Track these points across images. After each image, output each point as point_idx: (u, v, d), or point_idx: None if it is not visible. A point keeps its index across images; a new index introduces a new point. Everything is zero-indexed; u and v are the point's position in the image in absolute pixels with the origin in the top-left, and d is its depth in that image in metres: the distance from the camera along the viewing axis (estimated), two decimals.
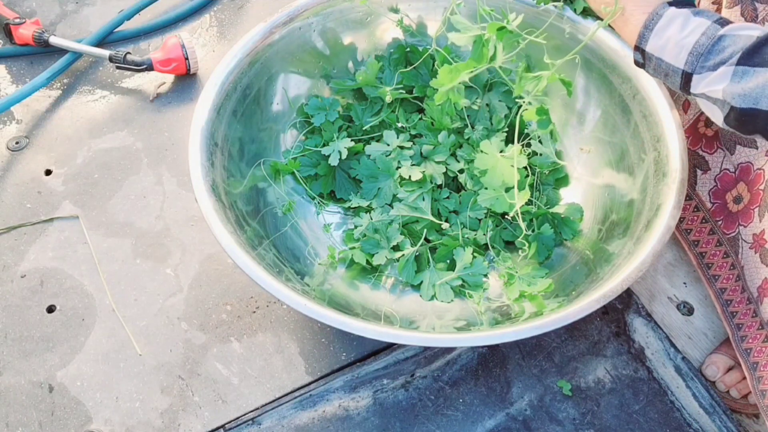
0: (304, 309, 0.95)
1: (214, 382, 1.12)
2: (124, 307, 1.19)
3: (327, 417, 1.08)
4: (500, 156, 1.10)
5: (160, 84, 1.47)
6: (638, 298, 1.20)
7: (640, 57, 0.86)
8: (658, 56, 0.83)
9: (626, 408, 1.10)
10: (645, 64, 0.86)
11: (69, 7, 1.61)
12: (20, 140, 1.38)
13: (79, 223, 1.28)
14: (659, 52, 0.83)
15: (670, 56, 0.82)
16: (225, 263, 1.23)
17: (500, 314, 1.08)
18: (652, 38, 0.84)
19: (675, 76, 0.83)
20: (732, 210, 1.12)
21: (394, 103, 1.26)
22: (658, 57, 0.83)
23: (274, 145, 1.23)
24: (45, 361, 1.13)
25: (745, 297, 1.10)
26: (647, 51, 0.84)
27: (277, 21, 1.18)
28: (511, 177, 1.07)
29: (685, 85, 0.82)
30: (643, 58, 0.86)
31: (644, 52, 0.85)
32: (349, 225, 1.20)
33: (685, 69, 0.81)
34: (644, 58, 0.86)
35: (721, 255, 1.14)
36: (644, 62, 0.86)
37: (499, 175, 1.10)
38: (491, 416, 1.09)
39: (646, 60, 0.85)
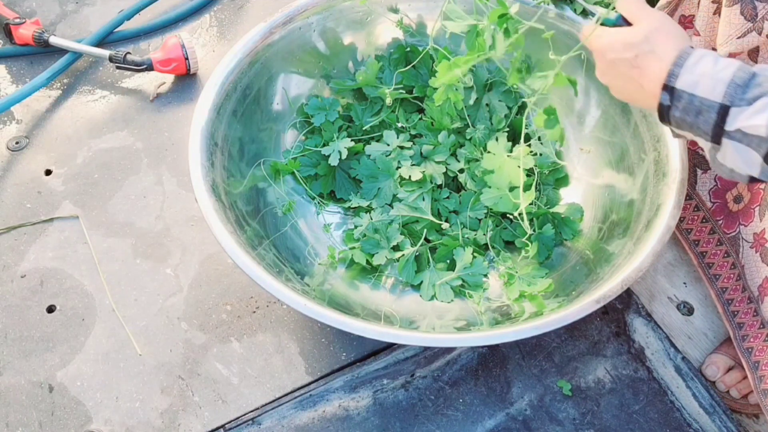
0: (304, 309, 0.95)
1: (214, 382, 1.12)
2: (124, 307, 1.19)
3: (327, 417, 1.08)
4: (507, 156, 1.10)
5: (160, 84, 1.47)
6: (638, 298, 1.20)
7: (668, 98, 0.78)
8: (690, 92, 0.76)
9: (626, 408, 1.10)
10: (671, 107, 0.78)
11: (69, 7, 1.61)
12: (20, 140, 1.38)
13: (79, 223, 1.28)
14: (692, 88, 0.76)
15: (704, 90, 0.76)
16: (225, 263, 1.23)
17: (500, 314, 1.08)
18: (683, 74, 0.77)
19: (709, 113, 0.75)
20: (732, 209, 1.12)
21: (394, 103, 1.26)
22: (690, 93, 0.76)
23: (274, 145, 1.23)
24: (45, 361, 1.13)
25: (746, 296, 1.10)
26: (677, 89, 0.77)
27: (277, 21, 1.18)
28: (518, 177, 1.07)
29: (720, 122, 0.75)
30: (671, 99, 0.78)
31: (673, 91, 0.77)
32: (349, 225, 1.20)
33: (723, 102, 0.74)
34: (672, 100, 0.78)
35: (721, 254, 1.14)
36: (671, 104, 0.78)
37: (506, 176, 1.10)
38: (491, 416, 1.09)
39: (674, 101, 0.78)
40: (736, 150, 0.76)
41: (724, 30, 0.97)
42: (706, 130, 0.77)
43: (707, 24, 1.03)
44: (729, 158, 0.78)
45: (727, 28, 0.96)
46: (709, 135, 0.77)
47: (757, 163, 0.76)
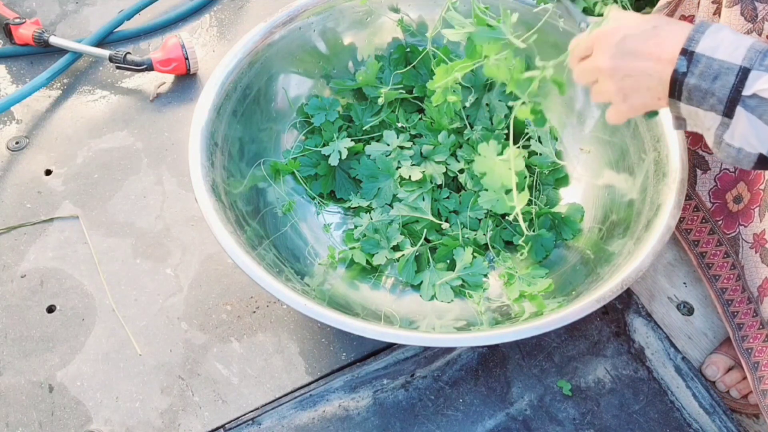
0: (304, 309, 0.95)
1: (214, 382, 1.12)
2: (124, 307, 1.19)
3: (327, 417, 1.08)
4: (498, 159, 1.10)
5: (160, 84, 1.47)
6: (638, 298, 1.20)
7: (685, 64, 0.75)
8: (710, 55, 0.74)
9: (626, 408, 1.10)
10: (687, 74, 0.76)
11: (69, 7, 1.61)
12: (20, 140, 1.38)
13: (79, 223, 1.28)
14: (711, 52, 0.74)
15: (724, 53, 0.74)
16: (225, 263, 1.23)
17: (500, 314, 1.08)
18: (704, 39, 0.75)
19: (728, 76, 0.73)
20: (732, 210, 1.12)
21: (394, 103, 1.26)
22: (709, 56, 0.74)
23: (274, 145, 1.23)
24: (45, 361, 1.13)
25: (746, 297, 1.10)
26: (697, 52, 0.74)
27: (277, 21, 1.18)
28: (509, 179, 1.07)
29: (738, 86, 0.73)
30: (688, 64, 0.75)
31: (692, 56, 0.75)
32: (349, 225, 1.20)
33: (743, 64, 0.72)
34: (689, 65, 0.75)
35: (721, 255, 1.14)
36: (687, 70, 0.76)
37: (498, 178, 1.10)
38: (491, 416, 1.09)
39: (691, 66, 0.75)
40: (749, 122, 0.74)
41: None
42: (721, 97, 0.74)
43: None
44: (739, 134, 0.75)
45: None
46: (723, 104, 0.74)
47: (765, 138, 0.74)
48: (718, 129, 0.77)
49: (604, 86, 0.84)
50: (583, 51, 0.86)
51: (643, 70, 0.80)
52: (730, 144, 0.76)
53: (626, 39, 0.80)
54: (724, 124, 0.76)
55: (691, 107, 0.78)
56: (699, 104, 0.77)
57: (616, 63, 0.81)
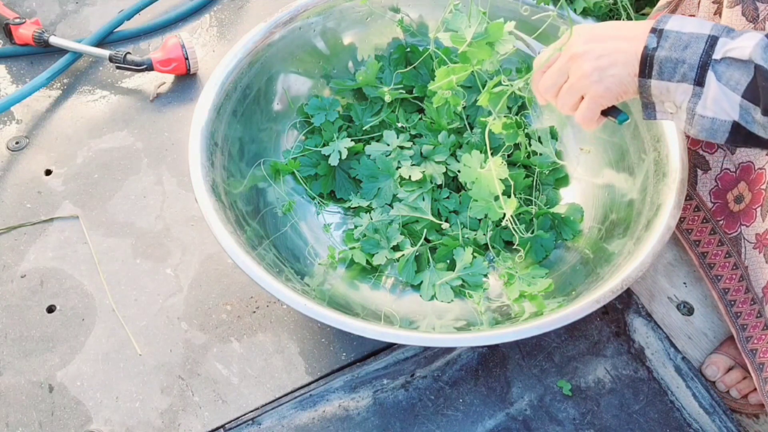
0: (304, 309, 0.95)
1: (214, 382, 1.12)
2: (124, 307, 1.19)
3: (327, 417, 1.08)
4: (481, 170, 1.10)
5: (160, 84, 1.47)
6: (638, 298, 1.20)
7: (655, 40, 0.78)
8: (678, 30, 0.78)
9: (626, 408, 1.10)
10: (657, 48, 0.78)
11: (69, 7, 1.61)
12: (20, 140, 1.38)
13: (79, 223, 1.28)
14: (680, 27, 0.78)
15: (692, 27, 0.77)
16: (225, 263, 1.23)
17: (500, 314, 1.08)
18: (672, 21, 0.78)
19: (698, 43, 0.76)
20: (733, 210, 1.11)
21: (394, 103, 1.26)
22: (677, 31, 0.77)
23: (274, 145, 1.23)
24: (45, 361, 1.13)
25: (749, 297, 1.10)
26: (666, 29, 0.78)
27: (277, 21, 1.18)
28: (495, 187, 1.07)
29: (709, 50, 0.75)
30: (658, 40, 0.79)
31: (662, 33, 0.78)
32: (349, 225, 1.20)
33: (711, 33, 0.76)
34: (659, 41, 0.79)
35: (723, 255, 1.14)
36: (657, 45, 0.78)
37: (485, 187, 1.10)
38: (491, 416, 1.09)
39: (661, 40, 0.78)
40: (718, 90, 0.76)
41: None
42: (692, 64, 0.76)
43: None
44: (711, 100, 0.77)
45: None
46: (694, 70, 0.77)
47: (736, 103, 0.75)
48: (690, 101, 0.78)
49: (577, 73, 0.84)
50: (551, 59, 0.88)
51: (616, 47, 0.82)
52: (703, 115, 0.78)
53: (596, 28, 0.85)
54: (695, 95, 0.77)
55: (662, 82, 0.79)
56: (670, 77, 0.78)
57: (590, 46, 0.83)
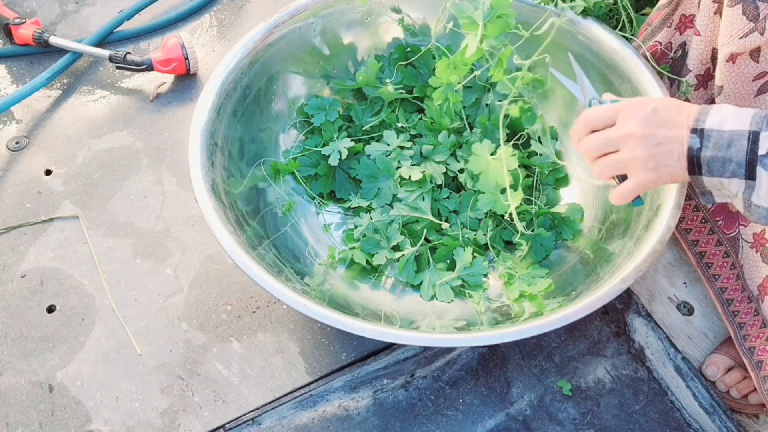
0: (304, 309, 0.95)
1: (214, 382, 1.12)
2: (124, 307, 1.19)
3: (327, 417, 1.08)
4: (491, 159, 1.11)
5: (160, 84, 1.47)
6: (638, 298, 1.20)
7: (698, 141, 0.80)
8: (719, 129, 0.79)
9: (626, 408, 1.10)
10: (701, 148, 0.80)
11: (69, 7, 1.61)
12: (20, 140, 1.38)
13: (79, 223, 1.28)
14: (720, 125, 0.79)
15: (732, 124, 0.78)
16: (225, 263, 1.23)
17: (500, 314, 1.08)
18: (710, 117, 0.80)
19: (740, 141, 0.77)
20: (732, 210, 1.12)
21: (394, 103, 1.26)
22: (718, 130, 0.79)
23: (274, 145, 1.23)
24: (45, 361, 1.13)
25: (746, 296, 1.10)
26: (706, 129, 0.79)
27: (277, 21, 1.18)
28: (504, 179, 1.08)
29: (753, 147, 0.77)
30: (701, 140, 0.80)
31: (702, 132, 0.80)
32: (349, 225, 1.20)
33: (751, 128, 0.77)
34: (702, 141, 0.80)
35: (721, 255, 1.14)
36: (701, 145, 0.80)
37: (492, 178, 1.11)
38: (491, 416, 1.09)
39: (704, 140, 0.79)
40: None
41: (726, 30, 0.97)
42: (739, 161, 0.78)
43: (708, 24, 1.03)
44: (764, 193, 0.78)
45: (729, 28, 0.96)
46: (742, 167, 0.78)
47: None
48: (745, 192, 0.79)
49: (631, 154, 0.84)
50: (602, 121, 0.87)
51: (676, 138, 0.82)
52: (758, 205, 0.79)
53: (658, 110, 0.83)
54: (749, 187, 0.79)
55: (714, 179, 0.81)
56: (720, 174, 0.80)
57: (650, 130, 0.83)
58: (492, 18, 1.00)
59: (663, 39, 1.13)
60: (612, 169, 0.87)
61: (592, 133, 0.88)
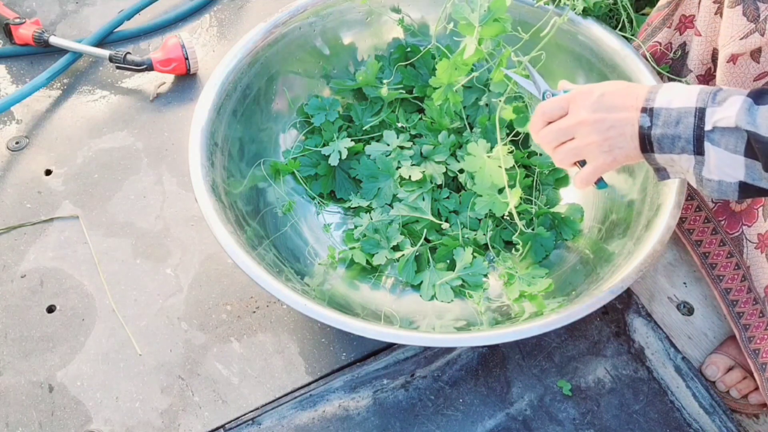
0: (304, 309, 0.95)
1: (214, 382, 1.12)
2: (124, 307, 1.19)
3: (327, 417, 1.08)
4: (487, 157, 1.11)
5: (160, 84, 1.47)
6: (638, 298, 1.20)
7: (648, 119, 0.82)
8: (667, 107, 0.81)
9: (626, 408, 1.10)
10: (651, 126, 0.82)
11: (69, 7, 1.61)
12: (20, 140, 1.38)
13: (79, 223, 1.28)
14: (668, 104, 0.81)
15: (679, 102, 0.81)
16: (225, 263, 1.23)
17: (500, 314, 1.08)
18: (659, 96, 0.82)
19: (688, 117, 0.80)
20: (735, 210, 1.11)
21: (394, 103, 1.25)
22: (667, 108, 0.81)
23: (274, 145, 1.23)
24: (45, 361, 1.13)
25: (752, 297, 1.10)
26: (655, 107, 0.82)
27: (277, 21, 1.18)
28: (500, 177, 1.08)
29: (699, 124, 0.79)
30: (651, 119, 0.82)
31: (652, 111, 0.82)
32: (349, 225, 1.20)
33: (697, 105, 0.79)
34: (651, 119, 0.82)
35: (725, 255, 1.14)
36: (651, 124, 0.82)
37: (488, 177, 1.11)
38: (491, 416, 1.09)
39: (653, 118, 0.82)
40: (718, 156, 0.79)
41: (727, 31, 0.97)
42: (687, 137, 0.80)
43: (708, 24, 1.03)
44: (713, 167, 0.80)
45: (730, 29, 0.96)
46: (691, 143, 0.80)
47: (740, 163, 0.78)
48: (695, 168, 0.81)
49: (585, 140, 0.86)
50: (556, 112, 0.89)
51: (626, 120, 0.84)
52: (709, 179, 0.81)
53: (605, 95, 0.86)
54: (699, 162, 0.80)
55: (665, 155, 0.83)
56: (671, 150, 0.82)
57: (600, 115, 0.85)
58: (488, 21, 1.01)
59: (663, 39, 1.13)
60: (570, 156, 0.89)
61: (548, 124, 0.90)
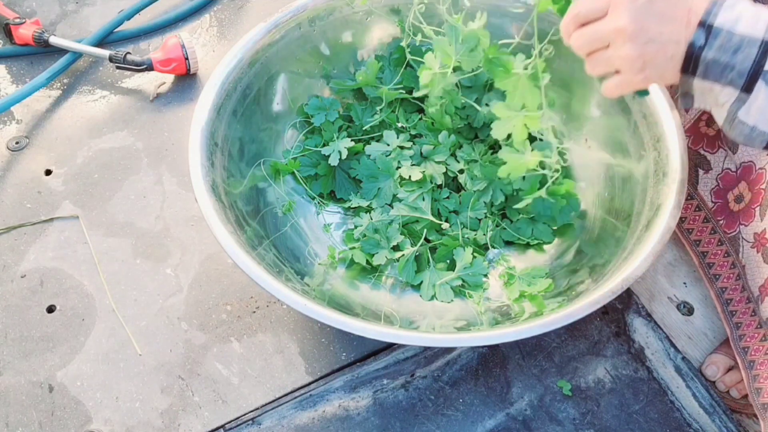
0: (304, 309, 0.95)
1: (214, 382, 1.12)
2: (124, 307, 1.19)
3: (327, 417, 1.08)
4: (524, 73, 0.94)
5: (160, 84, 1.47)
6: (638, 298, 1.20)
7: (703, 37, 0.71)
8: (730, 29, 0.70)
9: (626, 408, 1.10)
10: (704, 47, 0.71)
11: (69, 7, 1.61)
12: (20, 140, 1.38)
13: (79, 223, 1.28)
14: (731, 25, 0.70)
15: (745, 27, 0.70)
16: (225, 263, 1.23)
17: (500, 314, 1.08)
18: (723, 12, 0.71)
19: (750, 48, 0.70)
20: (733, 209, 1.12)
21: (394, 103, 1.26)
22: (729, 30, 0.70)
23: (274, 145, 1.23)
24: (45, 361, 1.13)
25: (745, 296, 1.10)
26: (715, 25, 0.71)
27: (277, 21, 1.18)
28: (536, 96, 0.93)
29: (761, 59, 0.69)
30: (706, 37, 0.71)
31: (711, 29, 0.71)
32: (349, 225, 1.20)
33: (765, 38, 0.69)
34: (707, 38, 0.71)
35: (722, 254, 1.14)
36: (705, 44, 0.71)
37: (521, 97, 0.95)
38: (491, 416, 1.09)
39: (710, 38, 0.71)
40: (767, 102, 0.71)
41: None
42: (741, 70, 0.71)
43: None
44: (756, 110, 0.72)
45: None
46: (743, 77, 0.71)
47: None
48: (733, 104, 0.74)
49: (619, 51, 0.76)
50: (592, 14, 0.78)
51: (670, 35, 0.74)
52: (743, 121, 0.74)
53: (654, 1, 0.74)
54: (740, 100, 0.73)
55: (706, 82, 0.74)
56: (716, 79, 0.73)
57: (641, 24, 0.74)
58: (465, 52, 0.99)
59: None
60: (602, 67, 0.80)
61: (582, 26, 0.80)
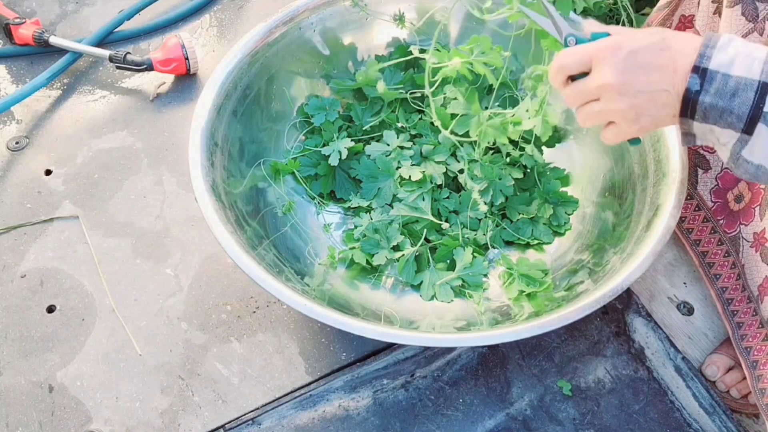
0: (304, 309, 0.95)
1: (214, 382, 1.12)
2: (124, 307, 1.19)
3: (327, 417, 1.08)
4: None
5: (160, 84, 1.47)
6: (638, 298, 1.20)
7: (698, 82, 0.71)
8: (725, 72, 0.70)
9: (626, 408, 1.10)
10: (701, 92, 0.71)
11: (69, 7, 1.61)
12: (20, 140, 1.38)
13: (79, 223, 1.28)
14: (726, 68, 0.70)
15: (740, 69, 0.70)
16: (225, 263, 1.23)
17: (500, 314, 1.08)
18: (717, 54, 0.70)
19: (747, 92, 0.69)
20: (733, 209, 1.12)
21: (394, 103, 1.25)
22: (724, 73, 0.70)
23: (274, 145, 1.23)
24: (45, 361, 1.13)
25: (746, 296, 1.10)
26: (710, 69, 0.70)
27: (277, 21, 1.18)
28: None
29: (759, 102, 0.69)
30: (701, 82, 0.71)
31: (706, 73, 0.71)
32: (349, 225, 1.20)
33: (762, 79, 0.69)
34: (702, 83, 0.71)
35: (722, 254, 1.14)
36: (701, 89, 0.71)
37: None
38: (491, 416, 1.09)
39: (705, 83, 0.71)
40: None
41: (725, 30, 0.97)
42: (740, 115, 0.71)
43: (707, 24, 1.03)
44: (759, 150, 0.72)
45: (729, 28, 0.96)
46: (743, 121, 0.71)
47: None
48: (735, 145, 0.74)
49: (611, 105, 0.77)
50: (576, 68, 0.80)
51: (659, 84, 0.74)
52: (748, 160, 0.74)
53: (636, 52, 0.75)
54: (742, 141, 0.73)
55: (706, 125, 0.74)
56: (715, 122, 0.73)
57: (627, 77, 0.75)
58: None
59: None
60: (594, 120, 0.81)
61: (570, 80, 0.81)
